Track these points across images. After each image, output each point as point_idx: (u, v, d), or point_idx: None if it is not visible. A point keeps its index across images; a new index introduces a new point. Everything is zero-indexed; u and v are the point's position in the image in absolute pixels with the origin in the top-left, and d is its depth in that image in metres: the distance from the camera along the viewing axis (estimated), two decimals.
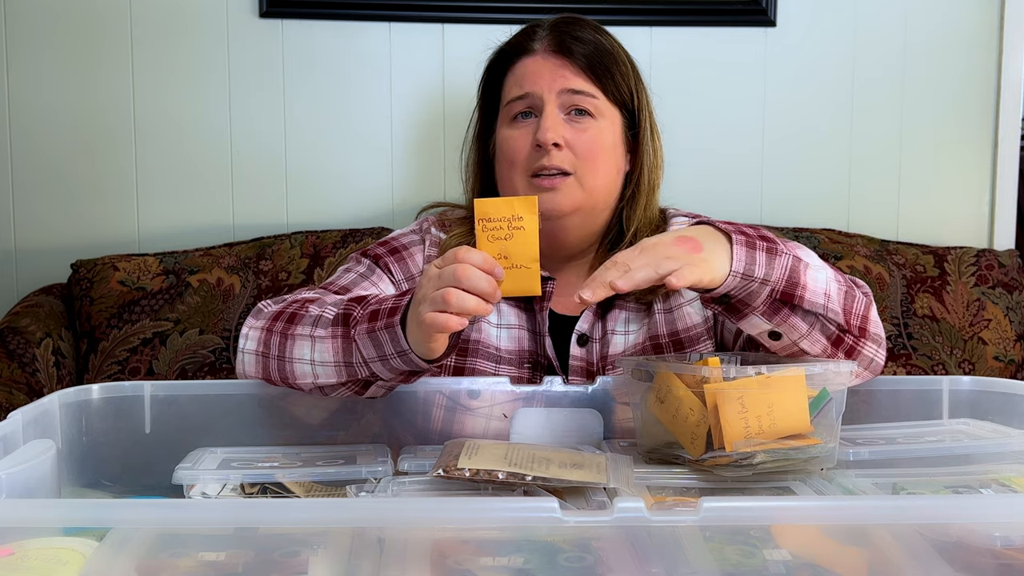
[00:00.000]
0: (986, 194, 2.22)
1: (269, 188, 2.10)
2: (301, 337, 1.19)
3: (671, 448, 1.12)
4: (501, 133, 1.40)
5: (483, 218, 1.08)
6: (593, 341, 1.39)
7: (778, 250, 1.11)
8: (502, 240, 1.07)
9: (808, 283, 1.12)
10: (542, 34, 1.40)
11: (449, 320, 1.04)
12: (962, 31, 2.18)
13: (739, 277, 1.08)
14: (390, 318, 1.12)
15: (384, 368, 1.15)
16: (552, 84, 1.36)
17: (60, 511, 0.86)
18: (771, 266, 1.10)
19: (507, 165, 1.38)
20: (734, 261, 1.08)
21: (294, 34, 2.07)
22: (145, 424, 1.21)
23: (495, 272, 1.05)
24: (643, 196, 1.41)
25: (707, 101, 2.14)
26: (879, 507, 0.88)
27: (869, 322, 1.20)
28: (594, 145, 1.36)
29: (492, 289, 1.05)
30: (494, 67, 1.44)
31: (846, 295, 1.17)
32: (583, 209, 1.36)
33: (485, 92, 1.46)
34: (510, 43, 1.44)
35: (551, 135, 1.33)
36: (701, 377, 1.06)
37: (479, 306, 1.04)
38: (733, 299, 1.12)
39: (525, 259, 1.08)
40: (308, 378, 1.19)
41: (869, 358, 1.22)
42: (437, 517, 0.85)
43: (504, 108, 1.40)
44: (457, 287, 1.04)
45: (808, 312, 1.14)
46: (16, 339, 1.81)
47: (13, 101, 2.04)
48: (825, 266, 1.17)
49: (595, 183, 1.36)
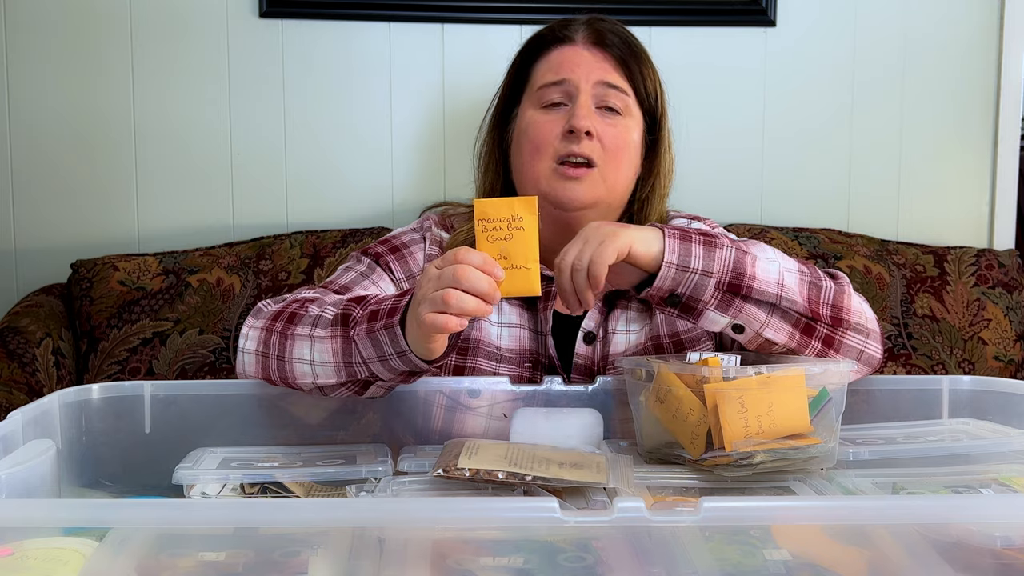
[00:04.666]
0: (986, 194, 2.22)
1: (269, 188, 2.10)
2: (301, 337, 1.19)
3: (671, 448, 1.12)
4: (527, 117, 1.39)
5: (482, 218, 1.08)
6: (597, 340, 1.39)
7: (718, 243, 1.17)
8: (501, 240, 1.07)
9: (757, 274, 1.17)
10: (580, 27, 1.41)
11: (449, 321, 1.04)
12: (962, 31, 2.18)
13: (674, 268, 1.14)
14: (389, 319, 1.12)
15: (383, 368, 1.15)
16: (590, 74, 1.37)
17: (60, 511, 0.86)
18: (710, 258, 1.15)
19: (531, 149, 1.37)
20: (667, 252, 1.14)
21: (294, 34, 2.07)
22: (145, 424, 1.21)
23: (495, 273, 1.06)
24: (658, 201, 1.43)
25: (707, 101, 2.15)
26: (879, 507, 0.88)
27: (845, 311, 1.22)
28: (621, 141, 1.37)
29: (492, 290, 1.05)
30: (527, 52, 1.44)
31: (809, 285, 1.21)
32: (601, 204, 1.37)
33: (514, 77, 1.45)
34: (547, 30, 1.44)
35: (586, 122, 1.34)
36: (701, 377, 1.06)
37: (479, 307, 1.05)
38: (682, 297, 1.16)
39: (525, 259, 1.08)
40: (308, 378, 1.19)
41: (858, 349, 1.23)
42: (437, 517, 0.85)
43: (535, 93, 1.40)
44: (457, 288, 1.04)
45: (762, 302, 1.18)
46: (16, 339, 1.81)
47: (13, 101, 2.04)
48: (784, 258, 1.22)
49: (616, 179, 1.37)
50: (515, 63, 1.46)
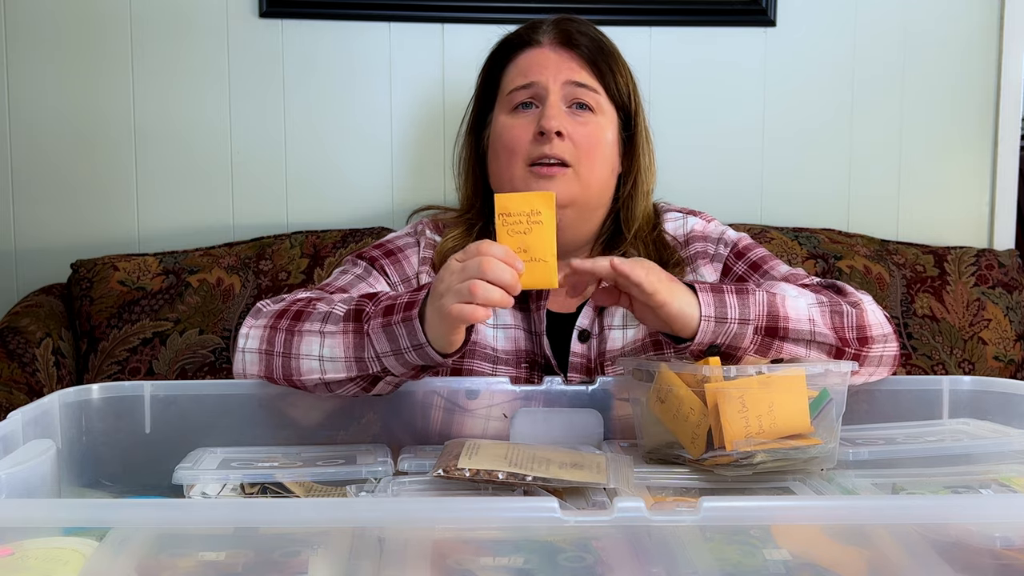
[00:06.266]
0: (986, 194, 2.22)
1: (269, 188, 2.10)
2: (310, 333, 1.20)
3: (672, 448, 1.13)
4: (500, 122, 1.40)
5: (503, 213, 1.10)
6: (592, 337, 1.39)
7: (748, 289, 1.17)
8: (521, 234, 1.10)
9: (790, 313, 1.18)
10: (547, 28, 1.42)
11: (476, 311, 1.06)
12: (962, 31, 2.18)
13: (712, 321, 1.14)
14: (407, 311, 1.13)
15: (397, 363, 1.15)
16: (557, 75, 1.37)
17: (60, 511, 0.86)
18: (745, 305, 1.16)
19: (506, 154, 1.38)
20: (702, 307, 1.14)
21: (294, 34, 2.07)
22: (145, 424, 1.21)
23: (516, 265, 1.08)
24: (641, 198, 1.43)
25: (707, 101, 2.15)
26: (879, 507, 0.88)
27: (868, 329, 1.24)
28: (594, 139, 1.37)
29: (514, 281, 1.07)
30: (496, 58, 1.45)
31: (832, 314, 1.22)
32: (578, 203, 1.37)
33: (484, 83, 1.46)
34: (514, 35, 1.45)
35: (555, 123, 1.34)
36: (702, 376, 1.07)
37: (503, 298, 1.06)
38: (722, 347, 1.17)
39: (543, 253, 1.10)
40: (315, 374, 1.19)
41: (877, 357, 1.24)
42: (437, 517, 0.85)
43: (505, 97, 1.41)
44: (482, 279, 1.06)
45: (799, 340, 1.19)
46: (16, 339, 1.81)
47: (13, 101, 2.04)
48: (803, 292, 1.23)
49: (591, 177, 1.37)
50: (485, 69, 1.47)
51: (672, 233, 1.45)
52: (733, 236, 1.44)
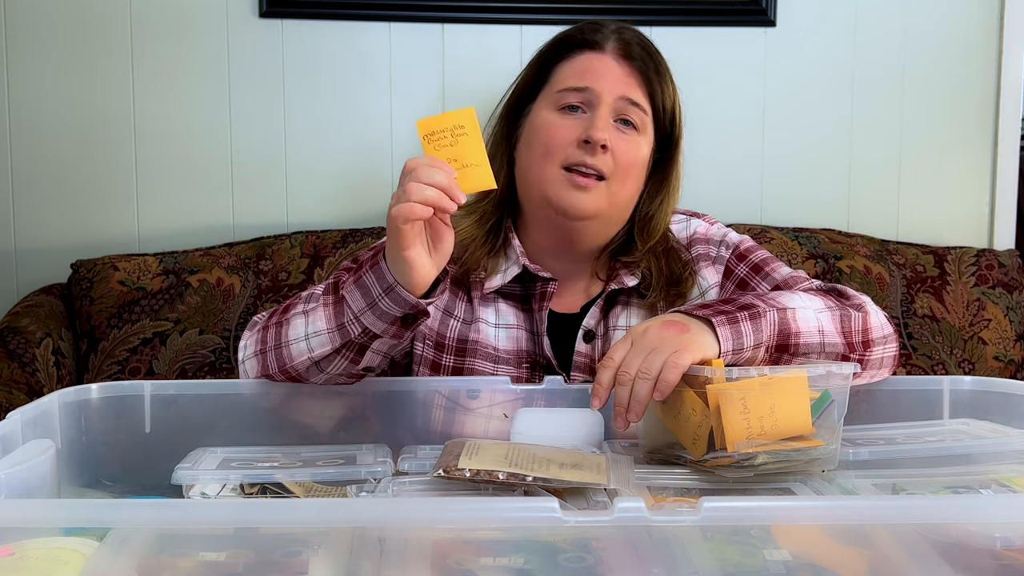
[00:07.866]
0: (986, 194, 2.22)
1: (269, 188, 2.10)
2: (295, 316, 1.22)
3: (673, 448, 1.12)
4: (543, 117, 1.37)
5: (427, 134, 1.15)
6: (597, 337, 1.39)
7: (760, 311, 1.16)
8: (448, 147, 1.15)
9: (800, 328, 1.18)
10: (609, 35, 1.39)
11: (413, 207, 1.09)
12: (962, 31, 2.18)
13: (730, 355, 1.14)
14: (373, 259, 1.17)
15: (375, 317, 1.15)
16: (614, 88, 1.35)
17: (60, 511, 0.86)
18: (759, 330, 1.16)
19: (541, 150, 1.36)
20: (722, 341, 1.13)
21: (294, 34, 2.07)
22: (145, 424, 1.21)
23: (445, 168, 1.12)
24: (663, 217, 1.41)
25: (707, 101, 2.14)
26: (879, 507, 0.88)
27: (871, 332, 1.24)
28: (632, 157, 1.35)
29: (448, 181, 1.11)
30: (551, 51, 1.42)
31: (841, 318, 1.22)
32: (602, 217, 1.36)
33: (533, 73, 1.43)
34: (576, 31, 1.41)
35: (604, 135, 1.32)
36: (704, 377, 1.07)
37: (439, 197, 1.10)
38: None
39: (474, 159, 1.14)
40: (304, 355, 1.20)
41: (879, 359, 1.25)
42: (437, 517, 0.85)
43: (554, 94, 1.38)
44: (416, 182, 1.11)
45: (808, 352, 1.20)
46: (16, 339, 1.81)
47: (13, 101, 2.04)
48: (811, 299, 1.22)
49: (620, 194, 1.36)
50: (537, 59, 1.43)
51: (675, 236, 1.45)
52: (735, 239, 1.44)
